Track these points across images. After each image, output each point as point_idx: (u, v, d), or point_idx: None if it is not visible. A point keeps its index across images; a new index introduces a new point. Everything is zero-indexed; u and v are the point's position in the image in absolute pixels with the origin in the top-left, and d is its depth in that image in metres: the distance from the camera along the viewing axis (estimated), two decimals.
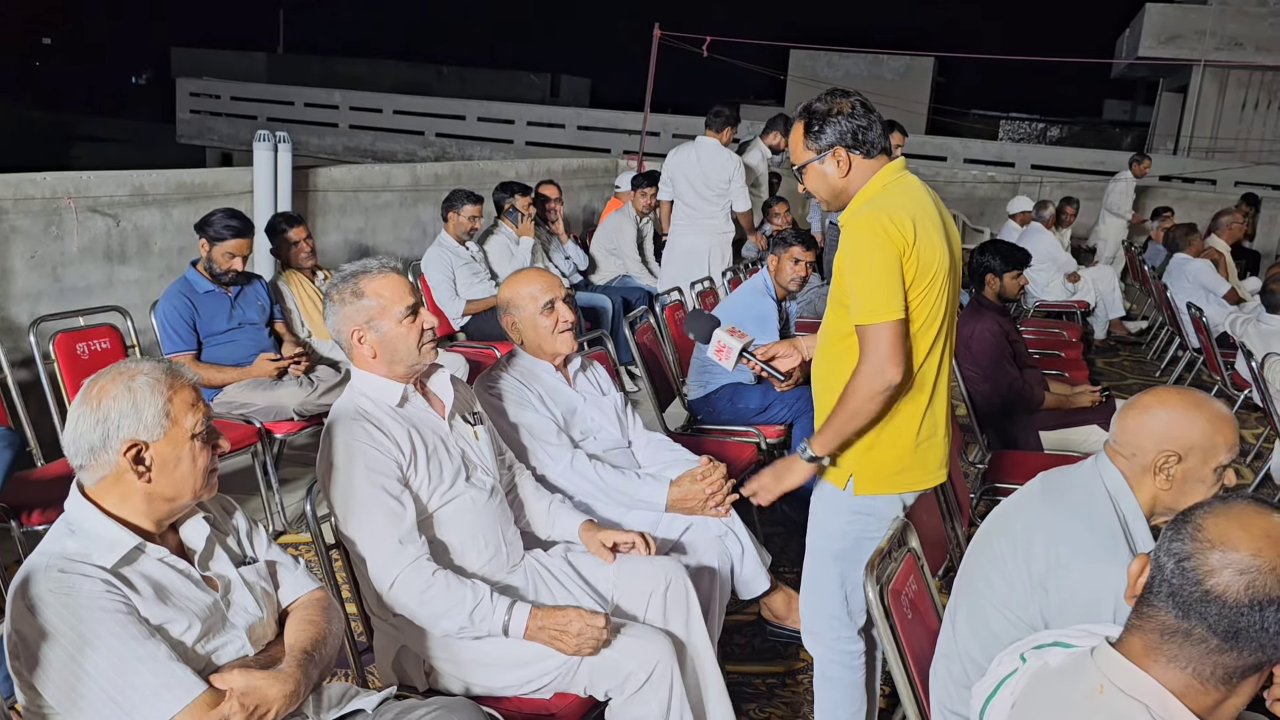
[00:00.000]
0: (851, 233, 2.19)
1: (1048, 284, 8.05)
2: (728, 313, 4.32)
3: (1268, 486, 4.93)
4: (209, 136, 22.52)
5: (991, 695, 1.47)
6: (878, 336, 2.13)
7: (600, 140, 18.40)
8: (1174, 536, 1.29)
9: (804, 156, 2.29)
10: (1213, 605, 1.23)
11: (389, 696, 1.91)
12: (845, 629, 2.44)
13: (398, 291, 2.29)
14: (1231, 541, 1.24)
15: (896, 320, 2.13)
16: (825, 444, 2.26)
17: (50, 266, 4.31)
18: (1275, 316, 5.28)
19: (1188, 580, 1.25)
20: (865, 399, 2.17)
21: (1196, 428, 1.88)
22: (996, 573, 1.99)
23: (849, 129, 2.23)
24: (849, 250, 2.18)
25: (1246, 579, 1.22)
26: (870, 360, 2.14)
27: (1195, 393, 1.96)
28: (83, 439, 1.65)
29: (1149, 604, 1.29)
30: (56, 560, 1.61)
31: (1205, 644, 1.24)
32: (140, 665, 1.57)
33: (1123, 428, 1.96)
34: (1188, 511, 1.32)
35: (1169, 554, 1.28)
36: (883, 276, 2.12)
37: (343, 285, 2.30)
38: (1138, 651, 1.29)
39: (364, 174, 6.32)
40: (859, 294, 2.15)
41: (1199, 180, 14.36)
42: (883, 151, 2.27)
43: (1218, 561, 1.24)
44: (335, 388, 3.97)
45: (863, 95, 2.28)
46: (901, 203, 2.18)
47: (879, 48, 24.65)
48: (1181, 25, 17.19)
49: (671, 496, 2.81)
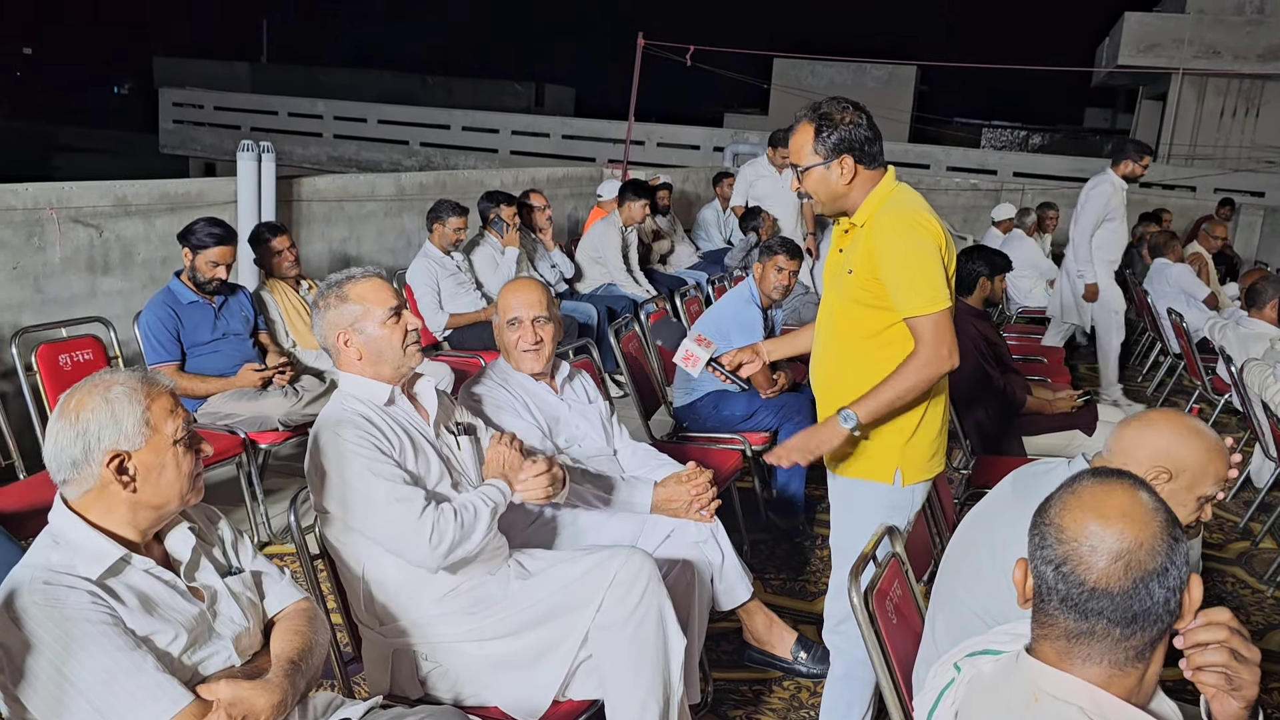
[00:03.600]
0: (887, 231, 2.25)
1: (1030, 290, 8.11)
2: (714, 320, 4.35)
3: (1248, 489, 4.98)
4: (192, 146, 22.41)
5: (934, 707, 1.47)
6: (937, 325, 2.23)
7: (585, 149, 18.43)
8: (1040, 544, 1.31)
9: (809, 159, 2.33)
10: (1104, 599, 1.24)
11: (375, 706, 1.91)
12: None
13: (381, 295, 2.37)
14: (1093, 532, 1.26)
15: (948, 308, 2.24)
16: (870, 413, 2.29)
17: (32, 277, 4.28)
18: (1255, 321, 5.33)
19: (1071, 584, 1.26)
20: (923, 380, 2.25)
21: (1194, 452, 1.91)
22: (974, 577, 2.00)
23: (857, 139, 2.29)
24: (888, 247, 2.25)
25: (1123, 563, 1.23)
26: (931, 347, 2.23)
27: (1201, 423, 1.99)
28: (64, 453, 1.65)
29: (1045, 613, 1.30)
30: (41, 572, 1.61)
31: (1110, 636, 1.25)
32: (126, 676, 1.57)
33: (1120, 436, 1.99)
34: (1042, 511, 1.33)
35: (1044, 561, 1.29)
36: (931, 267, 2.22)
37: (328, 292, 2.38)
38: (1052, 658, 1.30)
39: (348, 183, 6.31)
40: (908, 287, 2.23)
41: (1179, 187, 14.49)
42: (880, 165, 2.34)
43: (1089, 556, 1.25)
44: (320, 398, 3.96)
45: (865, 108, 2.35)
46: (918, 203, 2.29)
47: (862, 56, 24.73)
48: (1160, 34, 17.37)
49: (657, 497, 2.81)
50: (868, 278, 2.30)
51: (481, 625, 2.28)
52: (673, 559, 2.67)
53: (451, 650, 2.28)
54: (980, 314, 4.50)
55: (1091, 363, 7.90)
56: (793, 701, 3.00)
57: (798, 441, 2.38)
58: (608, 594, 2.23)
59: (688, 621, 2.53)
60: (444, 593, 2.29)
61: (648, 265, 7.54)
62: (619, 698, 2.22)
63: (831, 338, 2.45)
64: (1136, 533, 1.25)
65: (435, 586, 2.28)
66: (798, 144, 2.34)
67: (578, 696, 2.29)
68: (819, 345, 2.52)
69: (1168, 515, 1.27)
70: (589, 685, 2.27)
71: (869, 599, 2.01)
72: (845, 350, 2.41)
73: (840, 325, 2.41)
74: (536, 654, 2.26)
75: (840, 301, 2.40)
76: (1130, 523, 1.25)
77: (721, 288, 6.13)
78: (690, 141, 18.10)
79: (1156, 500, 1.29)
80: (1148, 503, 1.28)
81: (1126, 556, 1.24)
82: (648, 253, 7.65)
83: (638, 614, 2.22)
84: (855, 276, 2.33)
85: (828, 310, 2.48)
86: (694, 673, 2.55)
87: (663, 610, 2.27)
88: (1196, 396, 5.99)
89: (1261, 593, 4.04)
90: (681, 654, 2.29)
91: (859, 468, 2.41)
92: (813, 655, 3.08)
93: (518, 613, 2.28)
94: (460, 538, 2.21)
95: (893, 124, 21.27)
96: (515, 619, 2.28)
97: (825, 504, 4.33)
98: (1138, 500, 1.28)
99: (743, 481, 4.24)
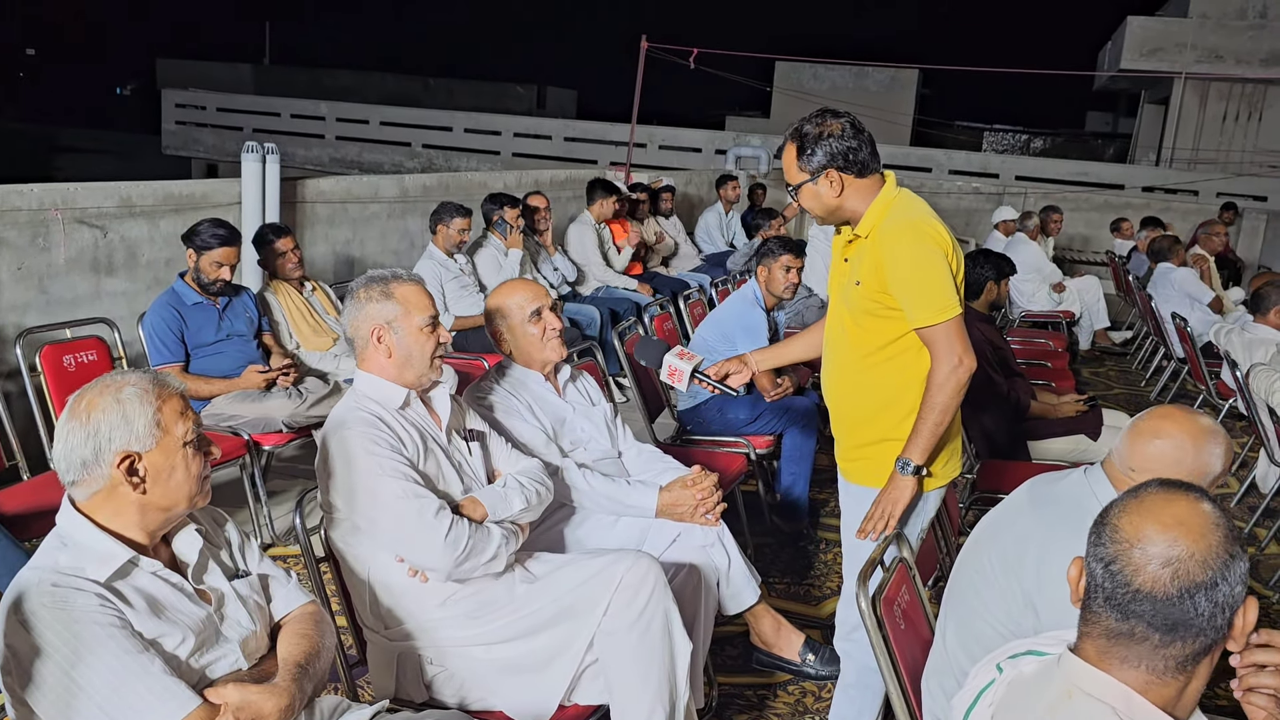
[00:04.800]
0: (893, 241, 2.25)
1: (1033, 294, 8.09)
2: (718, 324, 4.34)
3: (1253, 495, 4.96)
4: (194, 148, 22.42)
5: (971, 706, 1.47)
6: (949, 333, 2.24)
7: (587, 151, 18.42)
8: (1096, 541, 1.32)
9: (798, 178, 2.35)
10: (1146, 603, 1.25)
11: (381, 710, 1.91)
12: None
13: (423, 302, 2.38)
14: (1148, 536, 1.27)
15: (960, 315, 2.26)
16: (923, 451, 2.29)
17: (37, 278, 4.28)
18: (1260, 326, 5.32)
19: (1118, 584, 1.27)
20: (953, 394, 2.26)
21: (1215, 456, 1.95)
22: (987, 586, 1.99)
23: (840, 150, 2.28)
24: (894, 258, 2.25)
25: (1170, 570, 1.24)
26: (948, 356, 2.24)
27: (1202, 417, 2.01)
28: (74, 454, 1.64)
29: (1091, 610, 1.32)
30: (49, 574, 1.60)
31: (1149, 641, 1.26)
32: (134, 679, 1.56)
33: (1135, 449, 1.99)
34: (1104, 513, 1.35)
35: (1096, 559, 1.31)
36: (940, 275, 2.23)
37: (371, 285, 2.38)
38: (1093, 657, 1.31)
39: (352, 185, 6.31)
40: (918, 296, 2.23)
41: (1181, 191, 14.49)
42: (874, 171, 2.33)
43: (1140, 559, 1.26)
44: (324, 399, 3.96)
45: (853, 115, 2.33)
46: (923, 210, 2.30)
47: (864, 60, 24.74)
48: (1162, 38, 17.36)
49: (662, 502, 2.80)
50: (876, 289, 2.30)
51: (487, 629, 2.27)
52: (679, 563, 2.66)
53: (457, 654, 2.27)
54: (985, 318, 4.50)
55: (1094, 367, 7.91)
56: (798, 706, 2.99)
57: (884, 507, 2.35)
58: (614, 598, 2.22)
59: (693, 626, 2.52)
60: (448, 596, 2.28)
61: (650, 268, 7.54)
62: (625, 702, 2.21)
63: (842, 349, 2.44)
64: (1191, 543, 1.25)
65: (440, 590, 2.28)
66: (786, 164, 2.37)
67: (583, 701, 2.28)
68: (830, 358, 2.51)
69: (1228, 532, 1.27)
70: (595, 690, 2.27)
71: (877, 604, 2.00)
72: (857, 363, 2.40)
73: (851, 337, 2.40)
74: (542, 658, 2.26)
75: (850, 313, 2.39)
76: (1186, 532, 1.26)
77: (725, 290, 6.13)
78: (692, 144, 18.10)
79: (1219, 515, 1.29)
80: (1209, 516, 1.28)
81: (1176, 564, 1.24)
82: (650, 255, 7.66)
83: (644, 618, 2.22)
84: (863, 288, 2.32)
85: (837, 322, 2.47)
86: (699, 677, 2.55)
87: (669, 614, 2.26)
88: (1200, 401, 5.97)
89: (1267, 598, 4.03)
90: (688, 658, 2.28)
91: (873, 475, 2.40)
92: (821, 658, 3.07)
93: (523, 617, 2.28)
94: (475, 547, 2.22)
95: (895, 127, 21.29)
96: (521, 623, 2.27)
97: (829, 508, 4.36)
98: (1198, 511, 1.29)
99: (747, 485, 4.23)
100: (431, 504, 2.21)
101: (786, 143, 2.36)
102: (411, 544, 2.21)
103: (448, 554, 2.19)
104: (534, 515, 2.47)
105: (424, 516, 2.18)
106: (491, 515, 2.34)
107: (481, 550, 2.25)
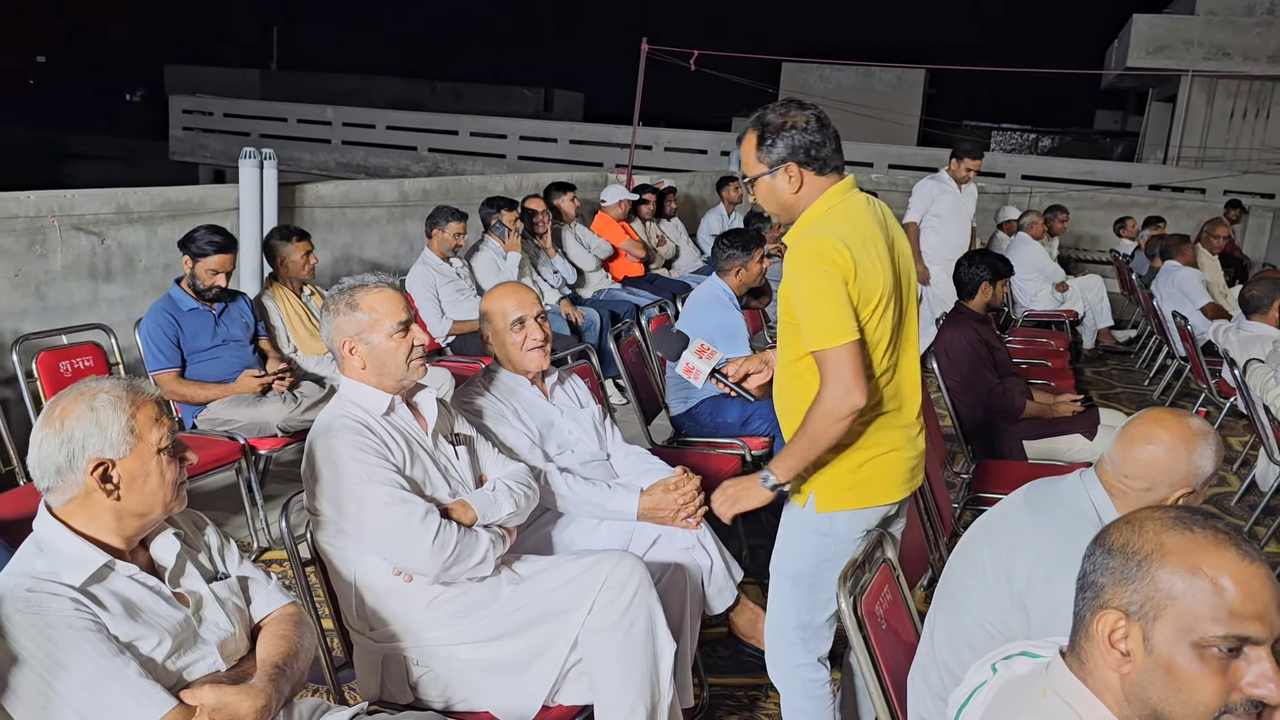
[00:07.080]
0: (795, 259, 2.13)
1: (1036, 294, 8.07)
2: (694, 333, 4.32)
3: (1253, 493, 4.94)
4: (202, 153, 22.53)
5: (964, 704, 1.48)
6: (838, 360, 2.07)
7: (592, 154, 18.43)
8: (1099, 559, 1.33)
9: (755, 169, 2.21)
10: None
11: (360, 711, 1.91)
12: (804, 656, 2.38)
13: (391, 307, 2.36)
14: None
15: (853, 342, 2.07)
16: (788, 470, 2.19)
17: (34, 285, 4.31)
18: (1254, 323, 5.29)
19: None
20: (831, 424, 2.10)
21: (1208, 458, 1.96)
22: (978, 585, 1.99)
23: (802, 144, 2.15)
24: (794, 277, 2.13)
25: None
26: (833, 385, 2.08)
27: (1193, 419, 2.01)
28: (48, 461, 1.66)
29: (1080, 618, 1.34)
30: (25, 580, 1.62)
31: None
32: (110, 682, 1.57)
33: (1130, 456, 1.99)
34: (1106, 531, 1.35)
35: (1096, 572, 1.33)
36: (832, 300, 2.06)
37: (339, 297, 2.39)
38: (1075, 667, 1.34)
39: (350, 190, 6.33)
40: (811, 320, 2.10)
41: (1188, 189, 14.42)
42: (834, 170, 2.20)
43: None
44: (319, 403, 3.97)
45: (819, 109, 2.20)
46: (843, 229, 2.12)
47: (870, 60, 24.68)
48: (1169, 36, 17.29)
49: (643, 505, 2.80)
50: (788, 300, 2.19)
51: (472, 629, 2.28)
52: (664, 563, 2.66)
53: (442, 655, 2.28)
54: (981, 318, 4.49)
55: (1097, 366, 7.87)
56: None
57: (728, 494, 2.30)
58: (598, 597, 2.23)
59: (679, 625, 2.53)
60: (434, 597, 2.30)
61: (652, 270, 7.55)
62: (607, 700, 2.22)
63: (779, 356, 2.36)
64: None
65: (426, 591, 2.29)
66: (744, 153, 2.23)
67: (568, 702, 2.29)
68: (776, 363, 2.42)
69: None
70: (579, 690, 2.28)
71: (857, 606, 2.00)
72: (783, 369, 2.31)
73: (781, 345, 2.31)
74: (527, 658, 2.27)
75: (781, 323, 2.28)
76: None
77: None
78: (697, 146, 18.10)
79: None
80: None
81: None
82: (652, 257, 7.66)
83: (628, 617, 2.22)
84: (784, 299, 2.21)
85: (779, 329, 2.35)
86: (687, 676, 2.55)
87: (653, 614, 2.27)
88: (1202, 400, 5.95)
89: None
90: (671, 658, 2.28)
91: (791, 487, 2.30)
92: None
93: (508, 616, 2.29)
94: (463, 551, 2.23)
95: (901, 127, 21.25)
96: (505, 623, 2.28)
97: None
98: None
99: None
100: (419, 508, 2.22)
101: (747, 131, 2.22)
102: (400, 549, 2.22)
103: (436, 558, 2.20)
104: (522, 519, 2.48)
105: (411, 521, 2.19)
106: (481, 519, 2.35)
107: (470, 554, 2.26)
